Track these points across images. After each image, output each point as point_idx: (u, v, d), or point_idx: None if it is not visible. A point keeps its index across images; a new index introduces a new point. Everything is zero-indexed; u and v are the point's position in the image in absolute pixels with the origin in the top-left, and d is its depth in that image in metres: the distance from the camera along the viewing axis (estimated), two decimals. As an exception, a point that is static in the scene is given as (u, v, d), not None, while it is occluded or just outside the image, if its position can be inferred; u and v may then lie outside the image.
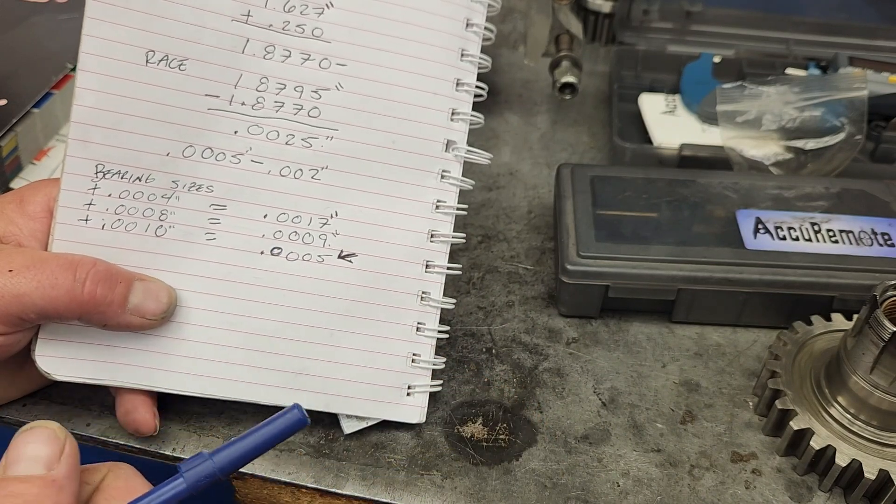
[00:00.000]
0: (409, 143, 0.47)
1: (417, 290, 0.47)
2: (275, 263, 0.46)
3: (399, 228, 0.47)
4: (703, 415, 0.51)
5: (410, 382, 0.48)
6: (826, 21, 0.84)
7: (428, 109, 0.47)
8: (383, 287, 0.47)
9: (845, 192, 0.59)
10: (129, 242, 0.44)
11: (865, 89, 0.66)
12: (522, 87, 0.83)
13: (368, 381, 0.47)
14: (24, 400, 0.49)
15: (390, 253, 0.47)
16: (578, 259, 0.54)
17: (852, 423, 0.46)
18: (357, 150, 0.46)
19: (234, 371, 0.46)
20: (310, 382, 0.46)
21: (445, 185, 0.47)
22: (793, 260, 0.54)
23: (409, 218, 0.47)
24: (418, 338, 0.48)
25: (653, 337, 0.56)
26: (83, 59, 0.43)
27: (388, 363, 0.47)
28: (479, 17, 0.47)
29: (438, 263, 0.48)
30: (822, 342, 0.51)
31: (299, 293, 0.46)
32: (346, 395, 0.47)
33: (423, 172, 0.47)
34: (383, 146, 0.46)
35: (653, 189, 0.59)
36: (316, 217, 0.46)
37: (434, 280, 0.48)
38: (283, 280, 0.46)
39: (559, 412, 0.51)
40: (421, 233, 0.47)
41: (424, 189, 0.47)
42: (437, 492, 0.46)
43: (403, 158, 0.47)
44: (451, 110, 0.47)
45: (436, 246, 0.48)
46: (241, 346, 0.46)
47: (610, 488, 0.46)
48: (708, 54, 0.78)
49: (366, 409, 0.47)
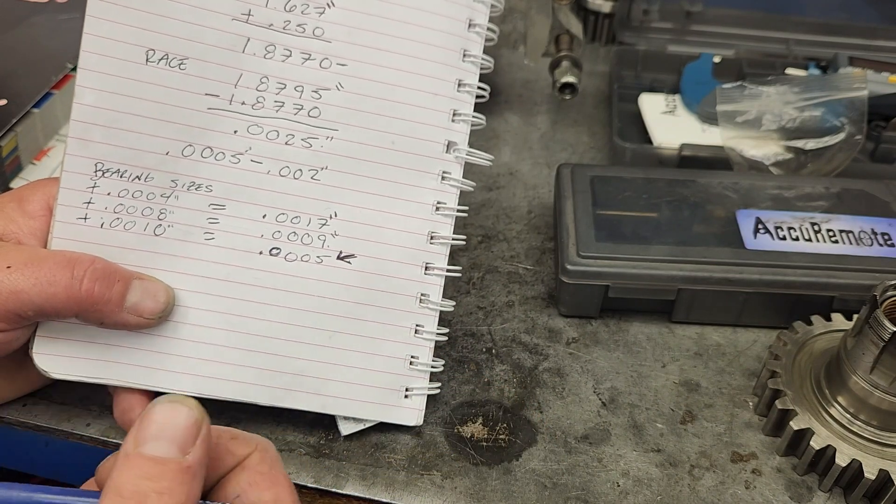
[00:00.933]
0: (410, 143, 0.46)
1: (416, 292, 0.47)
2: (273, 264, 0.46)
3: (398, 230, 0.47)
4: (703, 415, 0.51)
5: (408, 385, 0.48)
6: (826, 21, 0.84)
7: (428, 110, 0.46)
8: (382, 289, 0.47)
9: (845, 192, 0.59)
10: (127, 241, 0.44)
11: (865, 89, 0.66)
12: (522, 87, 0.83)
13: (366, 383, 0.47)
14: (24, 400, 0.49)
15: (389, 254, 0.47)
16: (578, 259, 0.54)
17: (852, 422, 0.46)
18: (357, 151, 0.46)
19: (232, 371, 0.46)
20: (307, 383, 0.46)
21: (446, 186, 0.47)
22: (793, 260, 0.54)
23: (408, 219, 0.47)
24: (417, 340, 0.47)
25: (653, 337, 0.56)
26: (84, 58, 0.43)
27: (386, 365, 0.47)
28: (482, 17, 0.47)
29: (438, 265, 0.47)
30: (822, 342, 0.51)
31: (298, 294, 0.46)
32: (343, 397, 0.47)
33: (423, 174, 0.47)
34: (383, 147, 0.46)
35: (653, 189, 0.59)
36: (315, 218, 0.46)
37: (433, 282, 0.47)
38: (281, 281, 0.46)
39: (559, 412, 0.51)
40: (420, 234, 0.47)
41: (424, 190, 0.47)
42: (437, 492, 0.46)
43: (403, 159, 0.47)
44: (452, 111, 0.47)
45: (435, 248, 0.47)
46: (238, 346, 0.46)
47: (610, 488, 0.46)
48: (708, 54, 0.78)
49: (363, 411, 0.47)
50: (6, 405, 0.48)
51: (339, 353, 0.47)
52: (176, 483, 0.31)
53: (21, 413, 0.49)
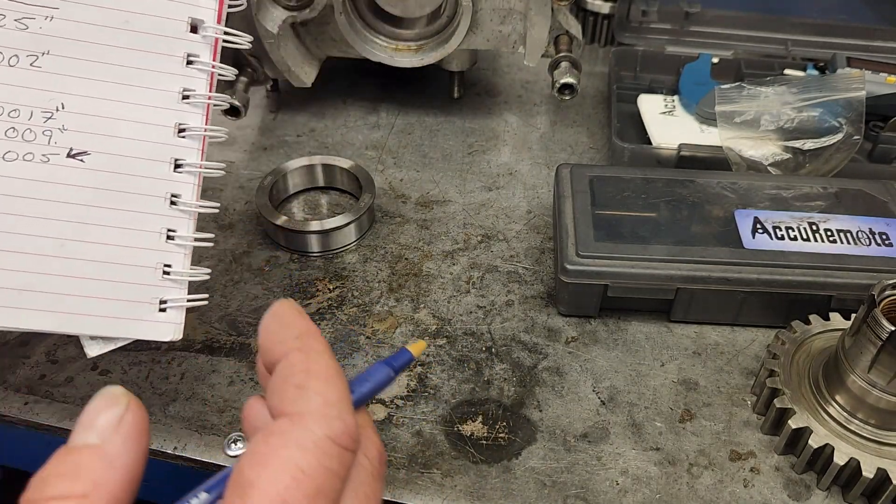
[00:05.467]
0: (145, 22, 0.41)
1: (165, 192, 0.42)
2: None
3: (138, 121, 0.42)
4: (701, 413, 0.51)
5: (162, 296, 0.42)
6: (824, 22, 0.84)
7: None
8: (122, 189, 0.41)
9: (843, 192, 0.59)
10: None
11: (863, 90, 0.66)
12: (522, 87, 0.83)
13: (111, 297, 0.41)
14: (25, 398, 0.49)
15: (129, 150, 0.41)
16: (577, 259, 0.54)
17: (850, 421, 0.46)
18: (83, 32, 0.41)
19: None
20: (37, 300, 0.40)
21: (193, 71, 0.42)
22: (791, 259, 0.54)
23: (149, 109, 0.42)
24: (169, 247, 0.42)
25: (651, 336, 0.56)
26: None
27: (133, 276, 0.42)
28: None
29: (190, 162, 0.42)
30: (820, 341, 0.51)
31: (20, 198, 0.40)
32: (84, 314, 0.41)
33: (163, 56, 0.42)
34: (114, 26, 0.41)
35: (651, 189, 0.59)
36: (38, 110, 0.40)
37: (185, 181, 0.42)
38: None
39: (558, 411, 0.51)
40: (166, 126, 0.42)
41: (166, 76, 0.42)
42: (437, 490, 0.46)
43: (139, 40, 0.41)
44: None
45: (186, 142, 0.42)
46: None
47: (609, 486, 0.47)
48: (706, 55, 0.78)
49: (110, 328, 0.41)
50: (6, 404, 0.49)
51: (75, 265, 0.41)
52: (90, 468, 0.29)
53: (22, 411, 0.49)
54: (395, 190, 0.69)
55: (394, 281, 0.60)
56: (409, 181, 0.70)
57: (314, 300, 0.58)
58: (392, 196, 0.68)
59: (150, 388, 0.51)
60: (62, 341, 0.54)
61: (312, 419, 0.29)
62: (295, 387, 0.30)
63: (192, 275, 0.43)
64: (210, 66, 0.43)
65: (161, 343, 0.44)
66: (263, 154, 0.72)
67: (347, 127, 0.76)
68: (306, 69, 0.72)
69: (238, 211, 0.66)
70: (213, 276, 0.59)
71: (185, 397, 0.51)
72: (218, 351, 0.54)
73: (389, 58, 0.70)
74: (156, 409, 0.50)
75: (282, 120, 0.77)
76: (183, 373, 0.52)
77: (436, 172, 0.71)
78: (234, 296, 0.58)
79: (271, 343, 0.32)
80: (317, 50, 0.72)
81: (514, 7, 0.66)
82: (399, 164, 0.72)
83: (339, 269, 0.61)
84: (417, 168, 0.71)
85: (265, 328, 0.32)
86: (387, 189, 0.69)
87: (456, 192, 0.69)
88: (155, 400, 0.50)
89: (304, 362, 0.30)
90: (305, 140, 0.74)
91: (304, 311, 0.33)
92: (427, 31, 0.70)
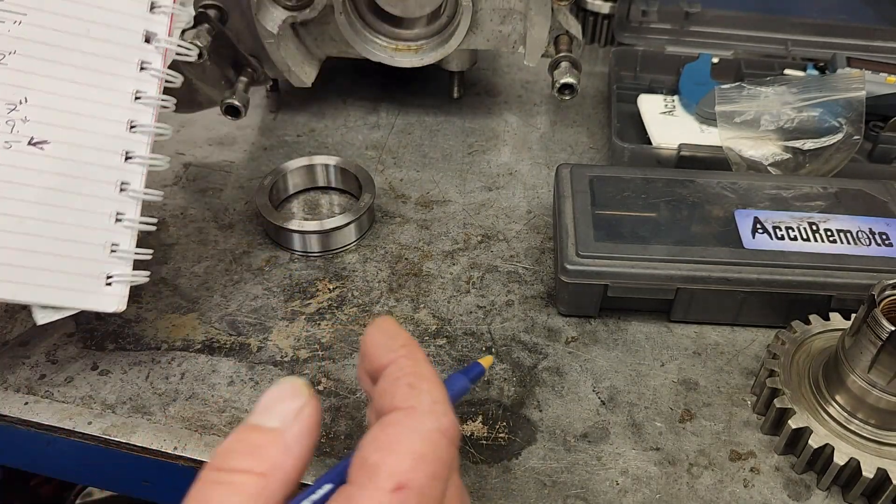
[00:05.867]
0: (105, 31, 0.47)
1: (116, 179, 0.47)
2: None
3: (95, 117, 0.47)
4: (701, 413, 0.51)
5: (109, 272, 0.47)
6: (824, 22, 0.84)
7: None
8: (78, 175, 0.47)
9: (843, 192, 0.59)
10: None
11: (863, 90, 0.66)
12: (522, 87, 0.83)
13: (62, 270, 0.46)
14: (25, 398, 0.49)
15: (86, 141, 0.47)
16: (577, 259, 0.54)
17: (850, 421, 0.46)
18: (49, 37, 0.46)
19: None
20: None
21: (145, 76, 0.48)
22: (791, 259, 0.54)
23: (105, 106, 0.47)
24: (118, 228, 0.48)
25: (651, 336, 0.56)
26: None
27: (84, 252, 0.47)
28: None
29: (139, 154, 0.48)
30: (820, 341, 0.51)
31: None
32: (36, 284, 0.46)
33: (119, 61, 0.48)
34: (77, 33, 0.47)
35: (651, 189, 0.59)
36: (2, 102, 0.46)
37: (134, 170, 0.48)
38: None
39: (558, 411, 0.51)
40: (119, 122, 0.48)
41: (122, 79, 0.48)
42: (437, 490, 0.46)
43: (99, 47, 0.47)
44: (150, 2, 0.48)
45: (136, 136, 0.48)
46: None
47: (609, 486, 0.47)
48: (706, 55, 0.78)
49: (59, 299, 0.46)
50: (6, 404, 0.49)
51: (31, 240, 0.46)
52: (267, 450, 0.32)
53: (23, 411, 0.49)
54: (395, 190, 0.69)
55: (394, 281, 0.60)
56: (409, 181, 0.70)
57: (314, 300, 0.58)
58: (392, 196, 0.68)
59: (150, 388, 0.51)
60: (62, 341, 0.54)
61: (424, 414, 0.32)
62: (407, 385, 0.33)
63: (138, 254, 0.48)
64: (160, 73, 0.48)
65: (110, 314, 0.49)
66: (263, 154, 0.73)
67: (347, 127, 0.76)
68: (306, 69, 0.72)
69: (238, 211, 0.66)
70: (213, 277, 0.59)
71: (185, 397, 0.51)
72: (218, 351, 0.54)
73: (389, 58, 0.70)
74: (156, 409, 0.50)
75: (282, 120, 0.77)
76: (183, 373, 0.52)
77: (436, 172, 0.71)
78: (234, 296, 0.58)
79: (379, 351, 0.35)
80: (317, 50, 0.72)
81: (514, 7, 0.67)
82: (399, 164, 0.72)
83: (339, 269, 0.61)
84: (417, 168, 0.71)
85: (371, 339, 0.36)
86: (387, 189, 0.69)
87: (456, 192, 0.69)
88: (155, 400, 0.50)
89: (412, 366, 0.34)
90: (305, 140, 0.74)
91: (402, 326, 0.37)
92: (427, 31, 0.70)
